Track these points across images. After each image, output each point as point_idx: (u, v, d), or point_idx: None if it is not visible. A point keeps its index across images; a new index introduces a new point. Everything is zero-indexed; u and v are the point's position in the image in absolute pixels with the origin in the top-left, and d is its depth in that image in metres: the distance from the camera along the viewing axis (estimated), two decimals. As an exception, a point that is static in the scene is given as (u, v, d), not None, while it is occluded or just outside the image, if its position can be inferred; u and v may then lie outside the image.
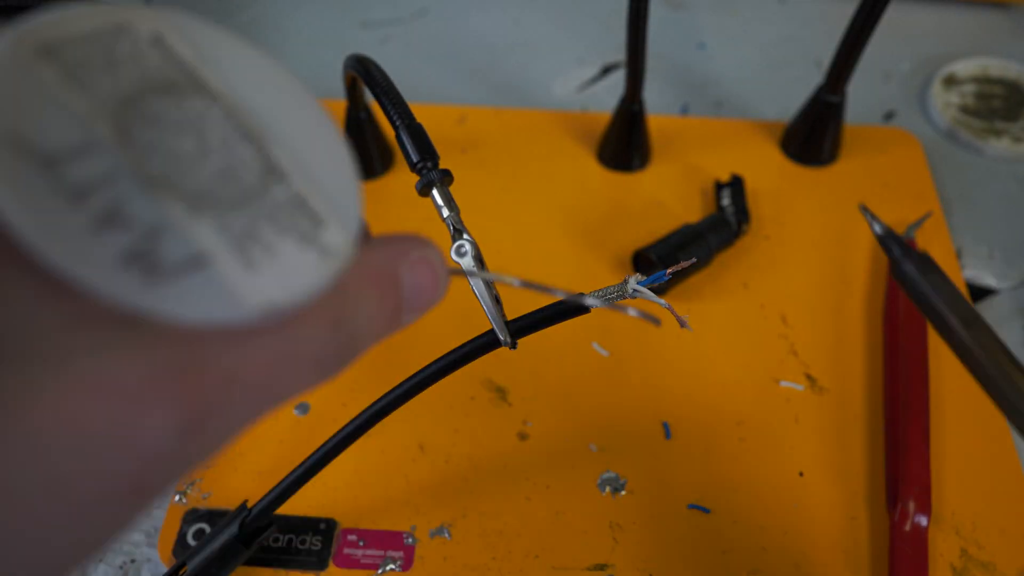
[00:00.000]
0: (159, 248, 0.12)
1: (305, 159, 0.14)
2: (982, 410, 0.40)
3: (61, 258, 0.11)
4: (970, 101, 0.55)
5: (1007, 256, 0.48)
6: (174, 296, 0.12)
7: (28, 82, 0.12)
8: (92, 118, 0.12)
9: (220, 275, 0.12)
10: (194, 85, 0.13)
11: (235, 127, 0.14)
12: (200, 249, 0.12)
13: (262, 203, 0.13)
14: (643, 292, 0.26)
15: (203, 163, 0.13)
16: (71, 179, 0.12)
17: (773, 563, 0.36)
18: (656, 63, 0.54)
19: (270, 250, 0.13)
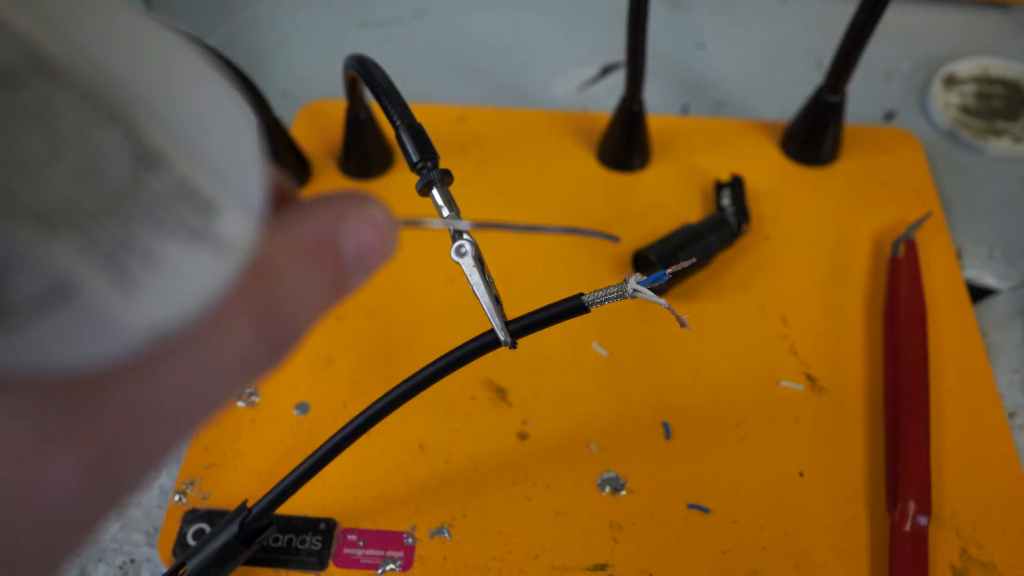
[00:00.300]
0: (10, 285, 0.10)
1: (189, 133, 0.12)
2: (982, 410, 0.40)
3: None
4: (970, 101, 0.55)
5: (1007, 256, 0.48)
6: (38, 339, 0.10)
7: None
8: None
9: (91, 303, 0.11)
10: (35, 66, 0.11)
11: (94, 110, 0.11)
12: (61, 276, 0.10)
13: (135, 203, 0.11)
14: (643, 292, 0.26)
15: (56, 167, 0.11)
16: None
17: (773, 563, 0.36)
18: (656, 63, 0.54)
19: (150, 259, 0.11)
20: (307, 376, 0.41)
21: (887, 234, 0.47)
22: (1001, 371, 0.42)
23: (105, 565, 0.37)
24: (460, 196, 0.30)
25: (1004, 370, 0.42)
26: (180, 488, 0.38)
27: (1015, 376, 0.42)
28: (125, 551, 0.37)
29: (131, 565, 0.37)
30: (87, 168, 0.11)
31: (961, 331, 0.43)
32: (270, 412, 0.40)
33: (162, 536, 0.36)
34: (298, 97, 0.55)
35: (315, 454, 0.32)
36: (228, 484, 0.38)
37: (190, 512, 0.37)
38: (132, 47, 0.12)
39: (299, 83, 0.56)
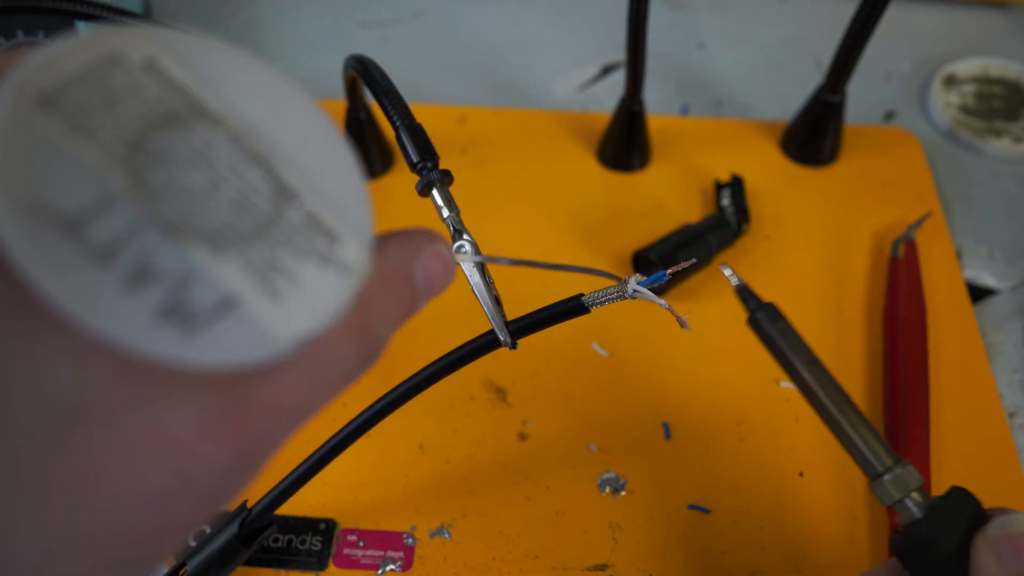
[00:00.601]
0: (190, 297, 0.12)
1: (312, 172, 0.14)
2: (982, 410, 0.40)
3: (99, 323, 0.11)
4: (970, 101, 0.55)
5: (1007, 256, 0.48)
6: (210, 343, 0.12)
7: (35, 140, 0.11)
8: (105, 168, 0.12)
9: (250, 314, 0.13)
10: (196, 112, 0.13)
11: (242, 151, 0.13)
12: (229, 291, 0.12)
13: (278, 229, 0.13)
14: (643, 292, 0.26)
15: (217, 197, 0.13)
16: (96, 240, 0.11)
17: (773, 563, 0.36)
18: (656, 63, 0.54)
19: (293, 278, 0.13)
20: (307, 376, 0.41)
21: (887, 234, 0.47)
22: (1001, 371, 0.42)
23: (105, 565, 0.37)
24: (460, 196, 0.30)
25: (1004, 370, 0.42)
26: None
27: (1015, 376, 0.42)
28: (125, 551, 0.37)
29: (131, 565, 0.37)
30: (240, 199, 0.13)
31: (961, 331, 0.43)
32: (270, 412, 0.40)
33: (162, 536, 0.36)
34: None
35: (315, 454, 0.32)
36: (228, 484, 0.38)
37: (190, 512, 0.37)
38: (266, 97, 0.14)
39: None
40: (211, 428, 0.13)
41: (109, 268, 0.11)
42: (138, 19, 0.14)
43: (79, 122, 0.12)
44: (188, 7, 0.61)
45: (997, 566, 0.22)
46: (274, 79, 0.14)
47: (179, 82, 0.13)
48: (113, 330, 0.11)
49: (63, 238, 0.11)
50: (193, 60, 0.13)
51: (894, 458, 0.25)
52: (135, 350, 0.12)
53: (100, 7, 0.37)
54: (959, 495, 0.24)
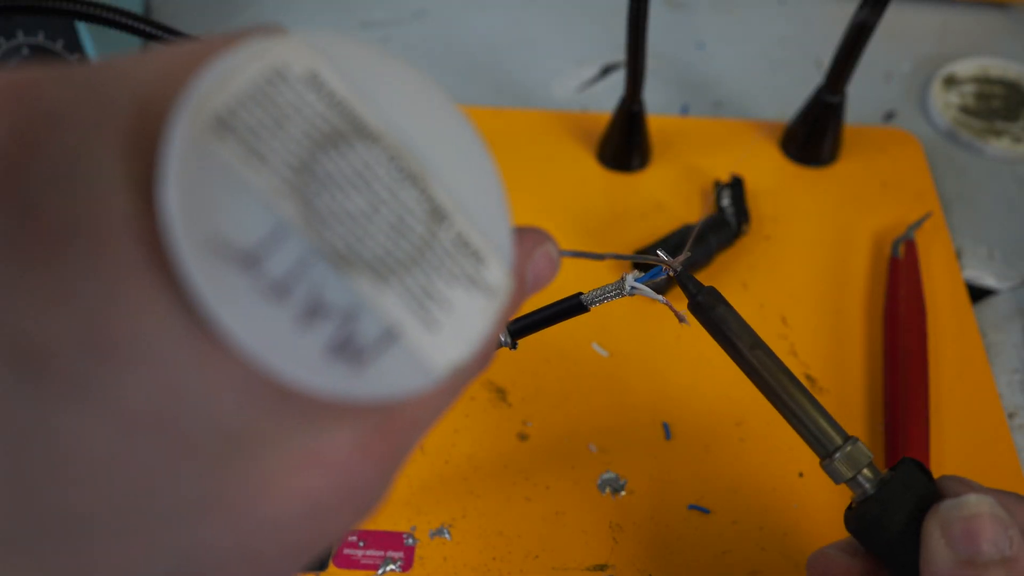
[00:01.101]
0: (358, 331, 0.12)
1: (460, 189, 0.14)
2: (982, 410, 0.40)
3: (273, 361, 0.11)
4: (970, 101, 0.55)
5: (1007, 256, 0.48)
6: (374, 377, 0.12)
7: (212, 168, 0.11)
8: (277, 196, 0.12)
9: (410, 345, 0.13)
10: (357, 129, 0.13)
11: (399, 170, 0.13)
12: (391, 322, 0.12)
13: (432, 254, 0.13)
14: (641, 289, 0.26)
15: (376, 221, 0.12)
16: (272, 275, 0.11)
17: (773, 563, 0.36)
18: (656, 63, 0.54)
19: (446, 304, 0.13)
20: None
21: (887, 234, 0.47)
22: (1001, 371, 0.42)
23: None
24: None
25: (1004, 370, 0.42)
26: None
27: (1015, 376, 0.42)
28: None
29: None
30: (398, 223, 0.13)
31: (961, 331, 0.43)
32: (270, 412, 0.40)
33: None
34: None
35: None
36: (228, 484, 0.38)
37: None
38: (417, 108, 0.14)
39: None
40: (365, 447, 0.13)
41: (284, 304, 0.11)
42: None
43: (252, 146, 0.12)
44: (188, 7, 0.61)
45: (948, 551, 0.21)
46: (423, 86, 0.14)
47: (340, 96, 0.13)
48: (286, 368, 0.11)
49: (240, 273, 0.11)
50: (350, 70, 0.13)
51: (843, 436, 0.25)
52: (305, 387, 0.12)
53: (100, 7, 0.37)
54: (909, 469, 0.24)
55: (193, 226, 0.11)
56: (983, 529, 0.21)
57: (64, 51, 0.44)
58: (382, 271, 0.12)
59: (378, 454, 0.14)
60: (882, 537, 0.24)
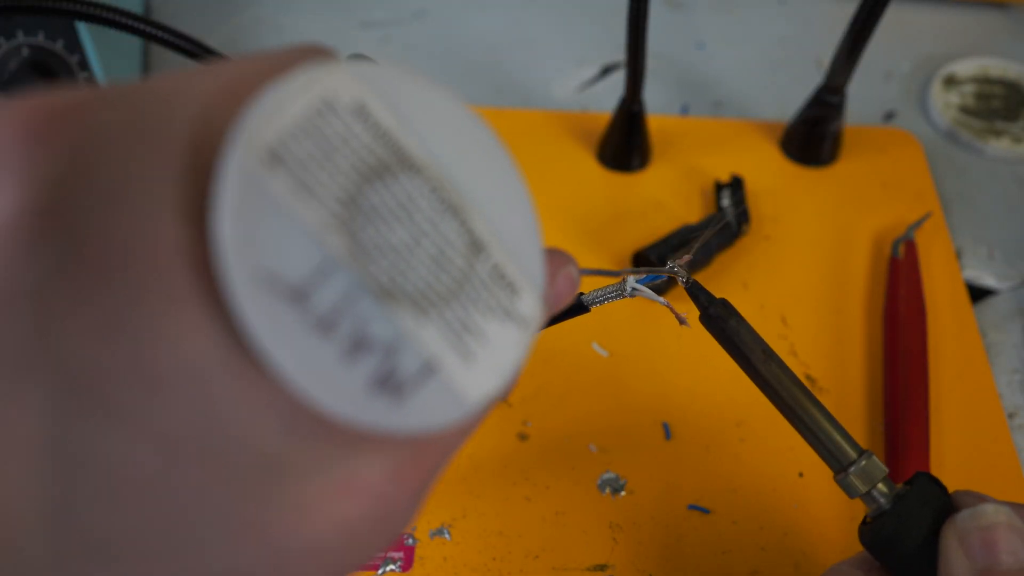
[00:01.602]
0: (399, 365, 0.12)
1: (497, 220, 0.14)
2: (982, 410, 0.40)
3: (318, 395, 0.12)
4: (970, 101, 0.55)
5: (1007, 256, 0.48)
6: (413, 411, 0.12)
7: (264, 203, 0.11)
8: (325, 230, 0.12)
9: (448, 378, 0.13)
10: (401, 160, 0.13)
11: (440, 201, 0.13)
12: (430, 355, 0.12)
13: (471, 286, 0.13)
14: (642, 290, 0.26)
15: (418, 254, 0.13)
16: (319, 309, 0.12)
17: (773, 563, 0.36)
18: (656, 63, 0.54)
19: (482, 337, 0.13)
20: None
21: (887, 234, 0.47)
22: (1001, 371, 0.42)
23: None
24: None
25: (1004, 370, 0.42)
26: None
27: (1015, 376, 0.42)
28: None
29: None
30: (438, 255, 0.13)
31: (961, 331, 0.43)
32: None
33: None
34: (298, 97, 0.55)
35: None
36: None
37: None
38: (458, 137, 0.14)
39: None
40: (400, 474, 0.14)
41: (330, 338, 0.12)
42: None
43: (302, 179, 0.12)
44: (188, 7, 0.61)
45: (966, 562, 0.21)
46: (463, 115, 0.14)
47: (385, 127, 0.13)
48: (331, 402, 0.12)
49: (289, 307, 0.11)
50: (396, 99, 0.13)
51: (858, 450, 0.25)
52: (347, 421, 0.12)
53: (100, 7, 0.37)
54: (925, 484, 0.24)
55: (244, 259, 0.11)
56: (1000, 539, 0.21)
57: (64, 51, 0.44)
58: (423, 304, 0.13)
59: (411, 481, 0.14)
60: (899, 552, 0.24)
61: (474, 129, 0.14)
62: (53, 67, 0.44)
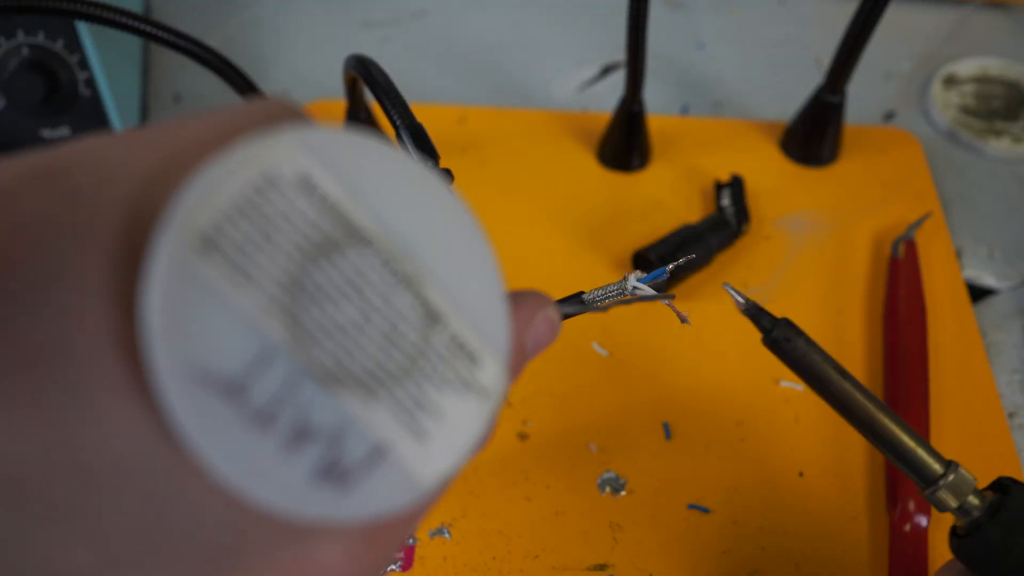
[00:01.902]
0: (344, 451, 0.12)
1: (456, 286, 0.13)
2: (982, 410, 0.40)
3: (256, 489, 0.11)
4: (970, 101, 0.55)
5: (1007, 256, 0.48)
6: (361, 498, 0.12)
7: (197, 292, 0.11)
8: (263, 317, 0.11)
9: (399, 460, 0.12)
10: (350, 234, 0.12)
11: (392, 274, 0.13)
12: (379, 438, 0.12)
13: (425, 361, 0.13)
14: (643, 289, 0.26)
15: (368, 331, 0.12)
16: (256, 402, 0.11)
17: (773, 563, 0.36)
18: (656, 63, 0.54)
19: (437, 413, 0.13)
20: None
21: (887, 234, 0.47)
22: (1001, 371, 0.42)
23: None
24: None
25: (1004, 370, 0.42)
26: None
27: (1015, 376, 0.42)
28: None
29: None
30: (390, 332, 0.12)
31: (961, 331, 0.43)
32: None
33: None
34: (298, 97, 0.55)
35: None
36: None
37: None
38: (413, 203, 0.13)
39: (299, 83, 0.56)
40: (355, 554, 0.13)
41: (269, 431, 0.11)
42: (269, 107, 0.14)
43: (239, 264, 0.11)
44: (188, 7, 0.61)
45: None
46: (421, 178, 0.13)
47: (332, 199, 0.12)
48: (270, 496, 0.11)
49: (223, 402, 0.11)
50: (345, 167, 0.12)
51: (944, 463, 0.24)
52: (290, 514, 0.11)
53: (100, 7, 0.37)
54: (1020, 492, 0.23)
55: (175, 353, 0.11)
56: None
57: (64, 51, 0.44)
58: (372, 385, 0.12)
59: (367, 561, 0.14)
60: (1007, 561, 0.23)
61: (433, 193, 0.13)
62: (53, 67, 0.44)
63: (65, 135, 0.45)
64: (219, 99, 0.54)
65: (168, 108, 0.54)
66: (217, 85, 0.49)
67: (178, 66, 0.55)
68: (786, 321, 0.25)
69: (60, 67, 0.44)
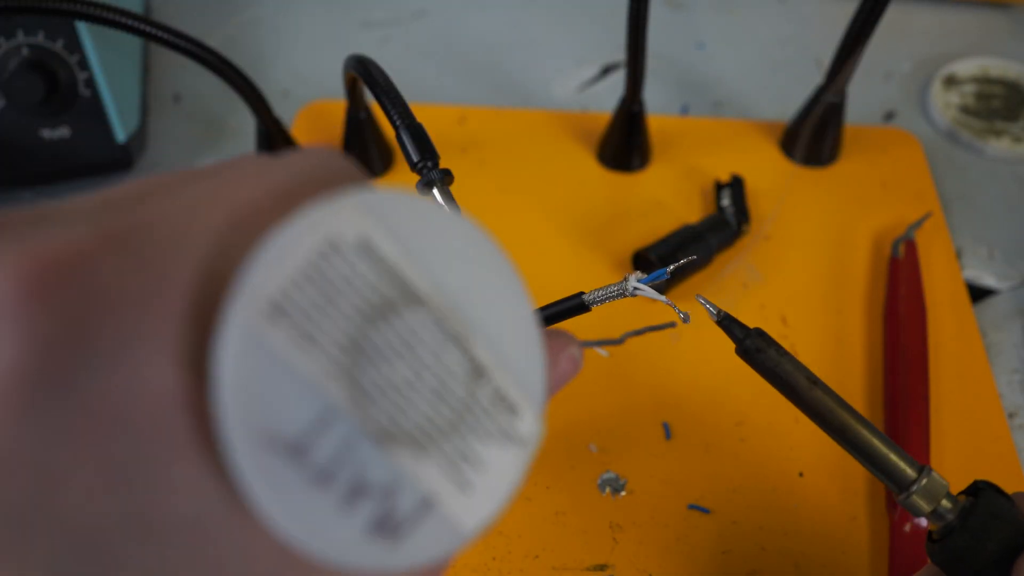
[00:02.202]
0: (396, 505, 0.12)
1: (500, 342, 0.14)
2: (982, 410, 0.40)
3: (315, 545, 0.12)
4: (970, 101, 0.55)
5: (1007, 256, 0.48)
6: (411, 549, 0.12)
7: (265, 357, 0.11)
8: (325, 379, 0.12)
9: (445, 511, 0.13)
10: (405, 296, 0.13)
11: (443, 332, 0.13)
12: (427, 491, 0.13)
13: (471, 415, 0.13)
14: (644, 290, 0.26)
15: (419, 388, 0.13)
16: (317, 462, 0.12)
17: (773, 563, 0.36)
18: (656, 63, 0.54)
19: (480, 465, 0.13)
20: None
21: (887, 234, 0.47)
22: (1001, 371, 0.42)
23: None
24: (460, 196, 0.30)
25: (1004, 370, 0.42)
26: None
27: (1015, 376, 0.42)
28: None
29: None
30: (440, 388, 0.13)
31: (961, 331, 0.43)
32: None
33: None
34: (298, 97, 0.55)
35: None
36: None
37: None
38: (462, 262, 0.14)
39: (299, 83, 0.56)
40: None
41: (328, 489, 0.12)
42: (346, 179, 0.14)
43: (304, 329, 0.12)
44: (188, 7, 0.61)
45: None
46: (471, 235, 0.14)
47: (390, 262, 0.13)
48: (327, 551, 0.12)
49: (287, 463, 0.11)
50: (402, 229, 0.13)
51: (917, 468, 0.24)
52: (344, 567, 0.12)
53: (100, 7, 0.37)
54: (991, 496, 0.24)
55: (244, 417, 0.11)
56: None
57: (64, 51, 0.44)
58: (423, 441, 0.13)
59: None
60: (975, 568, 0.23)
61: (478, 247, 0.14)
62: (53, 67, 0.44)
63: (65, 135, 0.45)
64: (219, 99, 0.54)
65: (168, 108, 0.54)
66: (217, 85, 0.49)
67: (178, 66, 0.55)
68: (758, 331, 0.26)
69: (60, 67, 0.44)
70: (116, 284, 0.12)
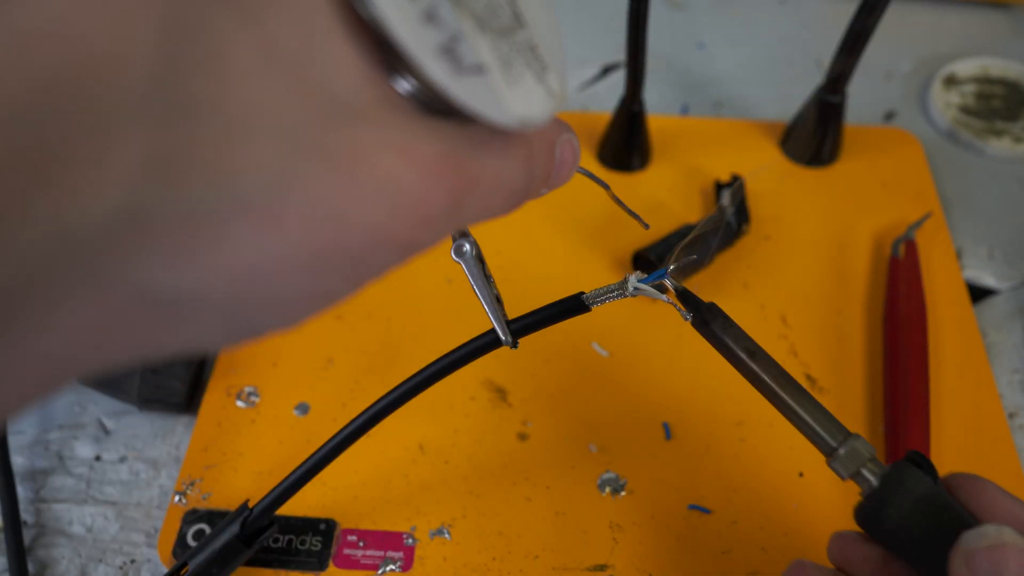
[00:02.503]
0: (459, 49, 0.15)
1: (536, 19, 0.17)
2: (982, 410, 0.40)
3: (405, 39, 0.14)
4: (970, 101, 0.55)
5: (1007, 256, 0.48)
6: (466, 89, 0.15)
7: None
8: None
9: (494, 83, 0.16)
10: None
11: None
12: (482, 60, 0.15)
13: (514, 39, 0.16)
14: (644, 289, 0.26)
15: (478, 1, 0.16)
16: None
17: (773, 563, 0.36)
18: (656, 63, 0.54)
19: (519, 77, 0.16)
20: (307, 376, 0.41)
21: (887, 234, 0.47)
22: (1001, 371, 0.42)
23: (105, 565, 0.37)
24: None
25: (1004, 370, 0.42)
26: (180, 489, 0.38)
27: (1015, 376, 0.42)
28: (125, 551, 0.37)
29: (131, 565, 0.37)
30: (491, 5, 0.16)
31: (961, 331, 0.43)
32: (270, 412, 0.40)
33: (162, 536, 0.36)
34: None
35: (316, 454, 0.32)
36: (228, 485, 0.38)
37: (190, 512, 0.37)
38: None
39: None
40: (444, 164, 0.15)
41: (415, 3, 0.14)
42: None
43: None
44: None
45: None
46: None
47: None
48: (407, 41, 0.14)
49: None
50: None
51: (844, 433, 0.26)
52: (420, 67, 0.14)
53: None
54: (903, 465, 0.25)
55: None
56: (1006, 559, 0.22)
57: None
58: (481, 24, 0.15)
59: (447, 186, 0.15)
60: (883, 529, 0.25)
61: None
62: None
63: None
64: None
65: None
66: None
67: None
68: (711, 305, 0.27)
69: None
70: None
